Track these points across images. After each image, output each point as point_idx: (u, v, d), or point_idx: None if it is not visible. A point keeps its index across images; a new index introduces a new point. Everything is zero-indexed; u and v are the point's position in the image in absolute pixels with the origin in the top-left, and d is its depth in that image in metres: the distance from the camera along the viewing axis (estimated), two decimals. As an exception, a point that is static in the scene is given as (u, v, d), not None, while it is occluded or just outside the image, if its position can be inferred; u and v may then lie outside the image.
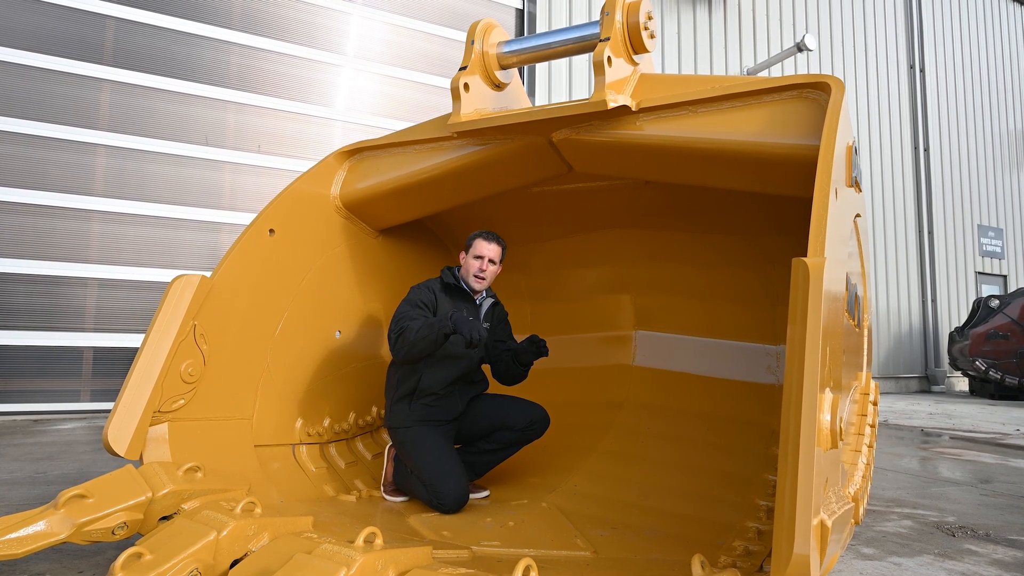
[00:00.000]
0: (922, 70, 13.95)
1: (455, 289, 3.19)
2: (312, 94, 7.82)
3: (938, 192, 13.92)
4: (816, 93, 2.31)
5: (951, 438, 6.00)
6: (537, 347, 3.06)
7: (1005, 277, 15.34)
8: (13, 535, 1.90)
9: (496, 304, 3.35)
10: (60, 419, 6.12)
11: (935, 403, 10.10)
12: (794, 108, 2.34)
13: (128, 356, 6.63)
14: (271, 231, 3.03)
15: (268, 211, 3.03)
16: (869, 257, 2.99)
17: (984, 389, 11.20)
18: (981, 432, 6.40)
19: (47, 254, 6.51)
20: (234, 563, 1.87)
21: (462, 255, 3.21)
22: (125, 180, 6.87)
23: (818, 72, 11.89)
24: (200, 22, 7.29)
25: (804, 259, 1.60)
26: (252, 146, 7.44)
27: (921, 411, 8.66)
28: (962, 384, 13.50)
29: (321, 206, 3.33)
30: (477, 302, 3.26)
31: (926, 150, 13.74)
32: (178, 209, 7.04)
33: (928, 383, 13.27)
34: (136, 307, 6.81)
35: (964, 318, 13.16)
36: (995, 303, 11.08)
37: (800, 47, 9.82)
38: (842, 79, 9.09)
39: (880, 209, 12.91)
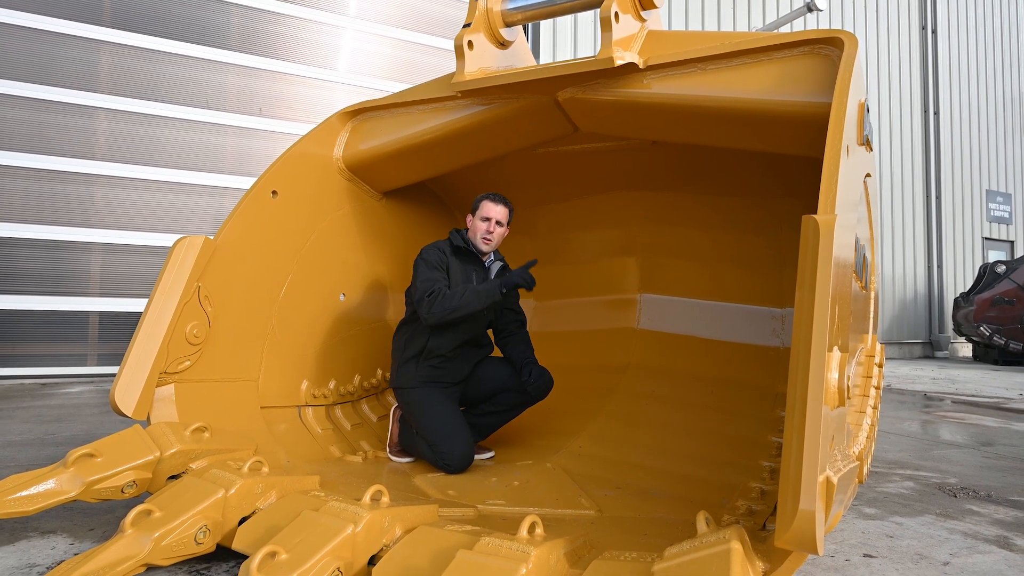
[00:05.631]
0: (934, 31, 13.67)
1: (463, 251, 3.17)
2: (314, 56, 7.71)
3: (947, 156, 13.75)
4: (828, 49, 2.25)
5: (953, 402, 6.02)
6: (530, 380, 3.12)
7: (1012, 243, 15.24)
8: (23, 492, 1.92)
9: (505, 268, 3.33)
10: (68, 383, 6.17)
11: (939, 368, 10.12)
12: (806, 64, 2.29)
13: (134, 321, 6.65)
14: (274, 193, 3.00)
15: (270, 173, 3.00)
16: (877, 221, 2.96)
17: (988, 355, 11.21)
18: (984, 397, 6.41)
19: (51, 218, 6.50)
20: (242, 520, 1.89)
21: (469, 218, 3.19)
22: (126, 144, 6.82)
23: (828, 33, 11.64)
24: (198, -19, 7.16)
25: (814, 216, 1.58)
26: (254, 110, 7.36)
27: (924, 376, 8.68)
28: (966, 350, 13.51)
29: (324, 168, 3.30)
30: (486, 264, 3.24)
31: (936, 113, 13.54)
32: (181, 173, 7.01)
33: (932, 349, 13.28)
34: (141, 272, 6.82)
35: (970, 284, 13.11)
36: (1001, 268, 11.03)
37: (810, 7, 9.59)
38: (853, 40, 8.93)
39: (887, 173, 12.77)
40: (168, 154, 6.98)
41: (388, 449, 3.18)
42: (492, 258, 3.26)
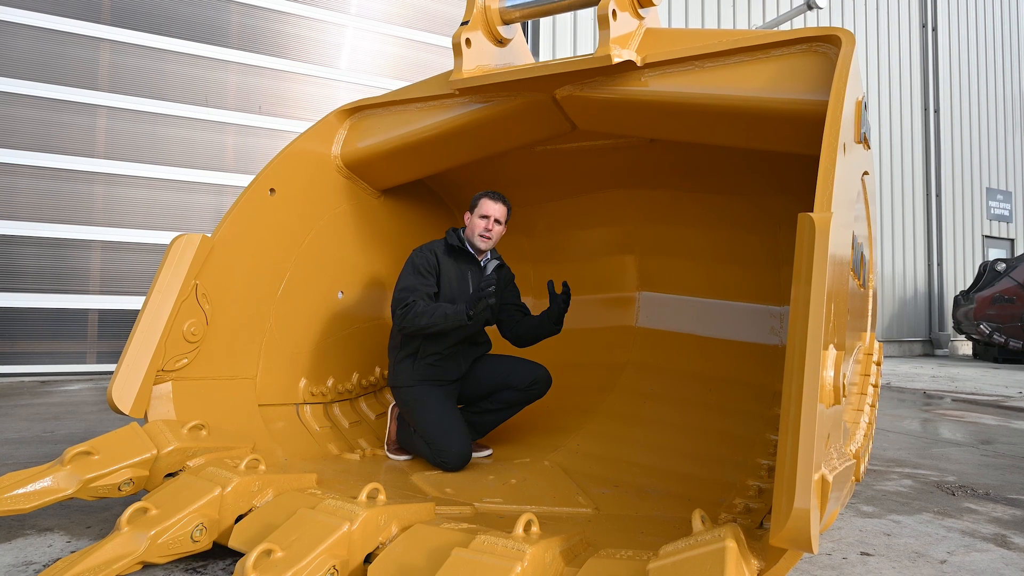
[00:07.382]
0: (934, 29, 13.66)
1: (459, 251, 3.17)
2: (315, 54, 7.70)
3: (947, 154, 13.74)
4: (826, 47, 2.24)
5: (953, 400, 6.02)
6: (565, 296, 3.11)
7: (1012, 241, 15.23)
8: (20, 490, 1.92)
9: (502, 266, 3.33)
10: (67, 380, 6.17)
11: (938, 366, 10.11)
12: (803, 62, 2.28)
13: (133, 318, 6.67)
14: (272, 191, 3.00)
15: (268, 170, 3.00)
16: (876, 219, 2.95)
17: (988, 353, 11.21)
18: (983, 395, 6.41)
19: (52, 216, 6.51)
20: (239, 518, 1.89)
21: (467, 215, 3.18)
22: (126, 142, 6.82)
23: (828, 31, 11.64)
24: (197, -21, 7.16)
25: (810, 214, 1.58)
26: (254, 107, 7.36)
27: (924, 374, 8.68)
28: (966, 348, 13.51)
29: (322, 165, 3.30)
30: (482, 264, 3.23)
31: (936, 111, 13.52)
32: (180, 171, 7.00)
33: (932, 347, 13.28)
34: (140, 269, 6.82)
35: (970, 282, 13.11)
36: (1001, 267, 11.03)
37: (810, 4, 9.59)
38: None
39: (887, 171, 12.76)
40: (168, 152, 6.98)
41: (386, 447, 3.18)
42: (488, 256, 3.26)
